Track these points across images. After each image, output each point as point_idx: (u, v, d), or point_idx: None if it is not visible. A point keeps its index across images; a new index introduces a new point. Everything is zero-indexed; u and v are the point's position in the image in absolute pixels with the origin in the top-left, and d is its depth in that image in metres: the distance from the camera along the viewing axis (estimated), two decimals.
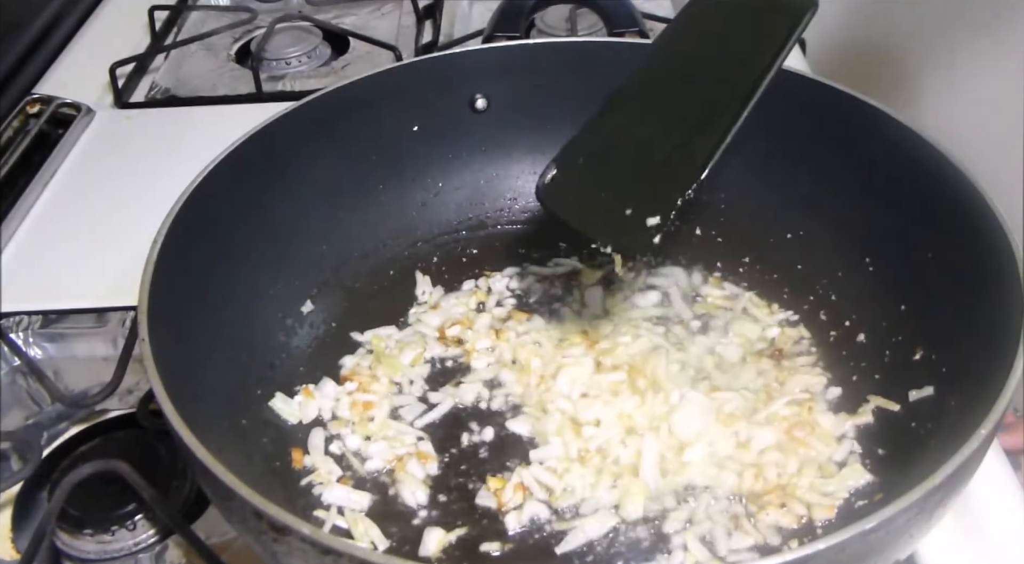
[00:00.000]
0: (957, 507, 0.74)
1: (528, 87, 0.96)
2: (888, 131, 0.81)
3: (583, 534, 0.72)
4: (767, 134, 0.91)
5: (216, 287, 0.80)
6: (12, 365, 0.93)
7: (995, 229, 0.70)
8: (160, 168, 1.14)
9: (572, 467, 0.76)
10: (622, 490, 0.75)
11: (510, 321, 0.91)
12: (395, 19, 1.52)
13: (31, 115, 1.27)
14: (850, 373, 0.83)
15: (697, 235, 0.97)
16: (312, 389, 0.84)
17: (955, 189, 0.74)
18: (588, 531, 0.72)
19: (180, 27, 1.53)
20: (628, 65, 0.89)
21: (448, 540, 0.73)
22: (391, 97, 0.93)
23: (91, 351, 0.95)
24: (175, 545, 0.77)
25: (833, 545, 0.52)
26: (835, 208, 0.89)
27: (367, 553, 0.55)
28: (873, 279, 0.85)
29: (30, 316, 0.96)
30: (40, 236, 1.11)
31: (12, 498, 0.82)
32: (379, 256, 0.96)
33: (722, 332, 0.88)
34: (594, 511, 0.74)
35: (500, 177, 1.01)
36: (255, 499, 0.56)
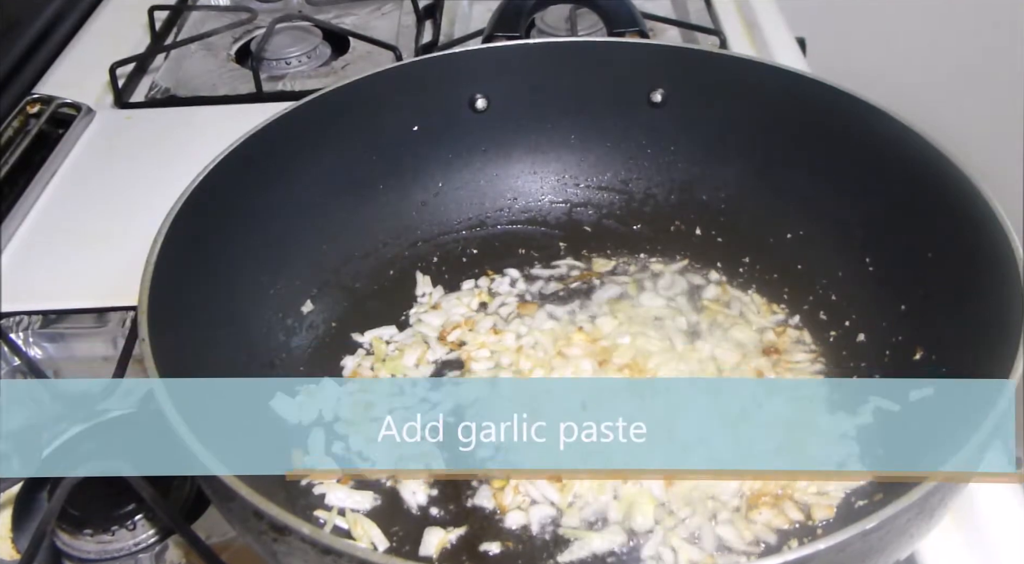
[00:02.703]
0: (957, 507, 0.74)
1: (528, 87, 0.96)
2: (888, 131, 0.81)
3: (588, 548, 0.72)
4: (767, 134, 0.92)
5: (216, 287, 0.80)
6: (12, 365, 0.93)
7: (995, 229, 0.70)
8: (160, 168, 1.14)
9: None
10: (629, 501, 0.74)
11: (510, 322, 0.91)
12: (395, 19, 1.52)
13: (31, 115, 1.27)
14: (850, 373, 0.83)
15: (697, 235, 0.97)
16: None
17: (955, 189, 0.74)
18: (593, 546, 0.72)
19: (180, 27, 1.53)
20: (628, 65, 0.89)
21: (448, 540, 0.73)
22: (391, 97, 0.93)
23: (91, 351, 0.95)
24: (175, 545, 0.77)
25: (833, 545, 0.52)
26: (835, 208, 0.89)
27: (367, 553, 0.55)
28: (873, 279, 0.85)
29: (30, 316, 0.96)
30: (40, 236, 1.11)
31: (12, 498, 0.82)
32: (379, 256, 0.96)
33: (722, 332, 0.88)
34: (601, 521, 0.73)
35: (500, 177, 1.01)
36: (255, 499, 0.56)
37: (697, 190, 0.97)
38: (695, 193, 0.98)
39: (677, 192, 0.98)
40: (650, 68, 0.94)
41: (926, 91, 1.76)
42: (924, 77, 1.94)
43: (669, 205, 0.98)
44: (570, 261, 0.97)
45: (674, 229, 0.98)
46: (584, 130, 0.99)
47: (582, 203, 1.01)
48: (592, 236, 0.99)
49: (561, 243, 0.99)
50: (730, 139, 0.94)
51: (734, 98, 0.92)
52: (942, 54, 2.00)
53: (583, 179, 1.01)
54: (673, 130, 0.96)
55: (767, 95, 0.90)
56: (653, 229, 0.98)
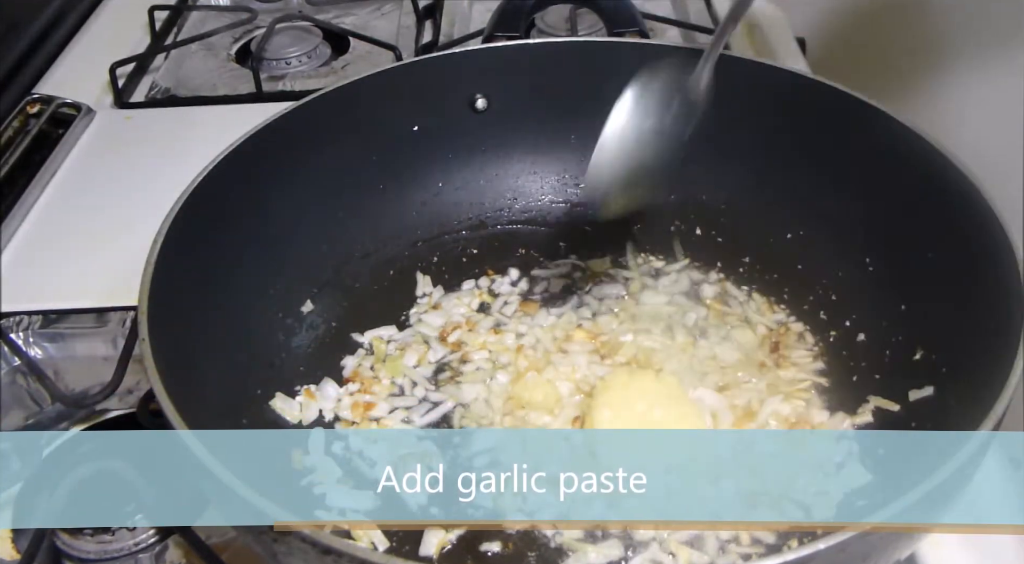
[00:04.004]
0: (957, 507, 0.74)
1: (528, 87, 0.96)
2: (888, 131, 0.81)
3: (585, 559, 0.71)
4: (767, 134, 0.91)
5: (216, 287, 0.80)
6: (12, 365, 0.93)
7: (995, 229, 0.70)
8: (160, 168, 1.14)
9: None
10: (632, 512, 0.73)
11: (511, 322, 0.91)
12: (395, 19, 1.52)
13: (31, 115, 1.27)
14: (850, 373, 0.83)
15: (697, 235, 0.97)
16: (313, 390, 0.84)
17: (955, 189, 0.74)
18: (592, 558, 0.71)
19: (180, 27, 1.53)
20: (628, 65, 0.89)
21: (448, 540, 0.73)
22: (391, 97, 0.93)
23: (91, 351, 0.95)
24: (175, 545, 0.77)
25: (833, 545, 0.52)
26: (835, 208, 0.89)
27: (367, 553, 0.55)
28: (873, 279, 0.85)
29: (30, 316, 0.96)
30: (40, 236, 1.10)
31: (12, 498, 0.82)
32: (379, 256, 0.96)
33: (722, 332, 0.88)
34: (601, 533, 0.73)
35: (500, 177, 1.01)
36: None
37: (697, 190, 0.97)
38: (695, 193, 0.98)
39: (677, 192, 0.98)
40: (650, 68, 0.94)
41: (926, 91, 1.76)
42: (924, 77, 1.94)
43: (669, 205, 0.98)
44: (570, 261, 0.97)
45: (674, 229, 0.98)
46: (584, 130, 0.99)
47: (582, 203, 1.01)
48: (592, 236, 0.99)
49: (561, 243, 0.98)
50: (730, 139, 0.94)
51: (734, 98, 0.92)
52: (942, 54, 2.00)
53: (583, 179, 1.01)
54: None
55: (767, 95, 0.90)
56: (653, 229, 0.98)
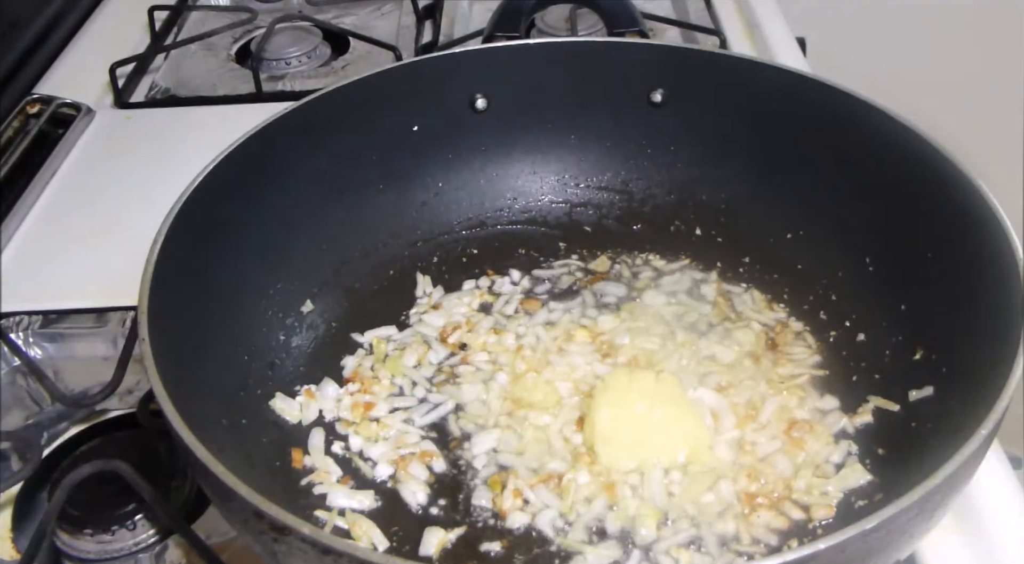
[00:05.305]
0: (957, 507, 0.74)
1: (528, 87, 0.96)
2: (888, 130, 0.81)
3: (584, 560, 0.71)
4: (767, 134, 0.92)
5: (216, 287, 0.80)
6: (12, 365, 0.93)
7: (995, 229, 0.70)
8: (160, 168, 1.14)
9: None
10: (632, 513, 0.73)
11: (511, 322, 0.91)
12: (395, 19, 1.52)
13: (31, 115, 1.27)
14: (850, 373, 0.83)
15: (697, 235, 0.97)
16: (313, 390, 0.84)
17: (955, 189, 0.74)
18: (591, 559, 0.71)
19: (180, 27, 1.53)
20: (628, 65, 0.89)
21: (448, 540, 0.73)
22: (391, 97, 0.93)
23: (91, 351, 0.95)
24: (175, 545, 0.77)
25: (833, 545, 0.52)
26: (835, 208, 0.89)
27: (367, 553, 0.55)
28: (873, 279, 0.85)
29: (30, 316, 0.96)
30: (40, 236, 1.11)
31: (12, 498, 0.82)
32: (379, 256, 0.96)
33: (722, 332, 0.88)
34: (600, 534, 0.73)
35: (500, 177, 1.01)
36: (255, 499, 0.56)
37: (697, 190, 0.97)
38: (695, 193, 0.98)
39: (677, 192, 0.98)
40: (650, 68, 0.94)
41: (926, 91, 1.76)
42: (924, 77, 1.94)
43: (669, 205, 0.98)
44: (570, 261, 0.97)
45: (674, 229, 0.98)
46: (584, 130, 0.99)
47: (582, 203, 1.01)
48: (592, 236, 0.99)
49: (561, 243, 0.99)
50: (730, 139, 0.94)
51: (734, 98, 0.92)
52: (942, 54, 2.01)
53: (583, 179, 1.01)
54: (673, 130, 0.96)
55: (767, 95, 0.90)
56: (653, 229, 0.98)
